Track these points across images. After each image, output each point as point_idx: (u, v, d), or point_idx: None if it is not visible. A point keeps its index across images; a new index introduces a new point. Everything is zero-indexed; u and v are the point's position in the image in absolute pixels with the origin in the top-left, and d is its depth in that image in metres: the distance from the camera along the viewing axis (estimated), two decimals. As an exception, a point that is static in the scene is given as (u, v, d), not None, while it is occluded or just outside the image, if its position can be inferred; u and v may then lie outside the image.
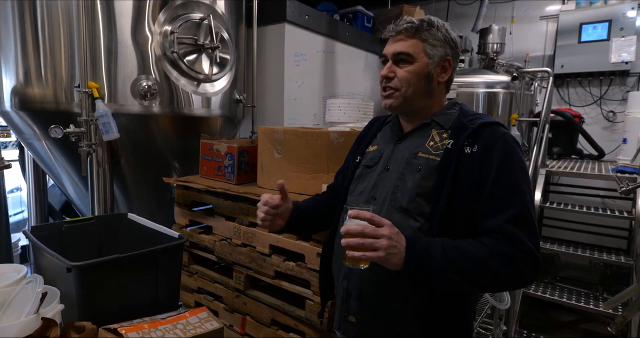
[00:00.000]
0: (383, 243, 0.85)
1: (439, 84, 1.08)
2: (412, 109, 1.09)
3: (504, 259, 0.90)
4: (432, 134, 1.06)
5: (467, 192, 0.95)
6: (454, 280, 0.90)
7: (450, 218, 0.96)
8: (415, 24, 1.04)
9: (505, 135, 0.99)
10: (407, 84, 1.04)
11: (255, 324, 1.72)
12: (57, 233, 1.47)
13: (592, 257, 2.71)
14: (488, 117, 1.06)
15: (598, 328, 3.06)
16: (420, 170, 1.01)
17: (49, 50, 1.96)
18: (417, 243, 0.91)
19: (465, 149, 0.98)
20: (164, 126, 2.21)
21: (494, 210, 0.94)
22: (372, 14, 3.69)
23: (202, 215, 1.95)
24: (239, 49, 2.54)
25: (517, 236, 0.90)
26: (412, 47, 1.04)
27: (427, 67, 1.04)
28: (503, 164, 0.95)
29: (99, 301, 1.16)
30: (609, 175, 2.63)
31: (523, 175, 0.98)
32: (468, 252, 0.90)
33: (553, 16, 4.02)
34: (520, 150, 1.00)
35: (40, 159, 2.42)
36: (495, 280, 0.92)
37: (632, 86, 3.71)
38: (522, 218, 0.92)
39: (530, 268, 0.91)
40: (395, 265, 0.88)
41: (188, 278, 1.99)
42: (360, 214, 0.87)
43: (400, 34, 1.05)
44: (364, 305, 1.06)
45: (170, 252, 1.32)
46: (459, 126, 1.03)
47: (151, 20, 2.03)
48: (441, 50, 1.05)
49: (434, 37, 1.04)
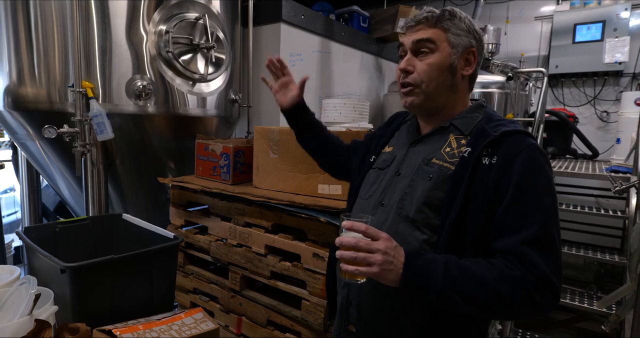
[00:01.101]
0: (377, 259, 0.79)
1: (463, 77, 0.98)
2: (434, 105, 0.99)
3: (515, 284, 0.81)
4: (450, 139, 0.97)
5: (480, 206, 0.87)
6: (457, 303, 0.82)
7: (460, 233, 0.88)
8: (437, 14, 0.95)
9: (530, 147, 0.88)
10: (428, 78, 0.95)
11: (251, 325, 1.72)
12: (51, 234, 1.46)
13: (587, 256, 2.73)
14: (514, 124, 0.94)
15: (592, 326, 3.08)
16: (431, 178, 0.93)
17: (42, 50, 1.94)
18: (418, 260, 0.84)
19: (483, 159, 0.88)
20: (159, 126, 2.20)
21: (509, 228, 0.85)
22: (367, 14, 3.70)
23: (198, 215, 1.95)
24: (234, 49, 2.53)
25: (532, 259, 0.81)
26: (434, 35, 0.94)
27: (450, 58, 0.94)
28: (524, 178, 0.85)
29: (93, 302, 1.15)
30: (602, 175, 2.65)
31: (547, 192, 0.86)
32: (474, 273, 0.82)
33: (547, 17, 4.05)
34: (547, 164, 0.89)
35: (33, 159, 2.40)
36: (503, 307, 0.83)
37: (626, 86, 3.74)
38: (540, 240, 0.82)
39: (544, 297, 0.81)
40: (392, 281, 0.82)
41: (183, 278, 1.98)
42: (355, 226, 0.82)
43: (420, 23, 0.96)
44: (364, 316, 1.01)
45: (166, 253, 1.31)
46: (480, 132, 0.93)
47: (146, 19, 2.02)
48: (466, 40, 0.95)
49: (457, 27, 0.95)
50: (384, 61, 3.99)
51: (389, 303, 0.97)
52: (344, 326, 1.07)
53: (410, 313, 0.95)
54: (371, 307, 1.00)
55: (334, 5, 3.46)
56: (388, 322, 0.97)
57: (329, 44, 3.19)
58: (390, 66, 4.07)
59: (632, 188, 2.37)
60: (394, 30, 3.52)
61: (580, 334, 3.04)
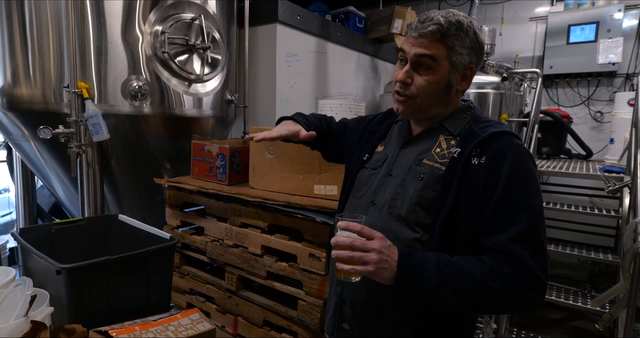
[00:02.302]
0: (372, 257, 0.82)
1: (457, 92, 1.00)
2: (424, 116, 1.03)
3: (504, 280, 0.84)
4: (440, 140, 1.00)
5: (471, 205, 0.90)
6: (449, 300, 0.84)
7: (451, 231, 0.91)
8: (444, 28, 0.92)
9: (517, 147, 0.91)
10: (424, 94, 0.96)
11: (248, 325, 1.72)
12: (46, 235, 1.46)
13: (581, 255, 2.75)
14: (501, 125, 0.98)
15: (586, 325, 3.10)
16: (423, 178, 0.96)
17: (37, 50, 1.93)
18: (411, 258, 0.86)
19: (472, 159, 0.91)
20: (154, 127, 2.19)
21: (497, 226, 0.88)
22: (364, 15, 3.71)
23: (194, 216, 1.95)
24: (230, 49, 2.53)
25: (520, 255, 0.84)
26: (436, 52, 0.93)
27: (449, 76, 0.95)
28: (511, 177, 0.88)
29: (89, 303, 1.15)
30: (596, 175, 2.67)
31: (533, 191, 0.90)
32: (465, 270, 0.85)
33: (542, 17, 4.07)
34: (533, 163, 0.93)
35: (28, 159, 2.39)
36: (494, 302, 0.86)
37: (619, 87, 3.77)
38: (527, 237, 0.86)
39: (533, 292, 0.84)
40: (386, 279, 0.84)
41: (180, 279, 1.98)
42: (350, 226, 0.84)
43: (424, 37, 0.93)
44: (358, 314, 1.04)
45: (162, 254, 1.31)
46: (469, 133, 0.96)
47: (142, 20, 2.02)
48: (467, 59, 0.95)
49: (461, 44, 0.94)
50: (380, 61, 4.00)
51: (382, 301, 0.99)
52: (338, 324, 1.09)
53: (403, 310, 0.97)
54: (365, 305, 1.02)
55: (330, 6, 3.47)
56: (381, 320, 1.00)
57: (325, 45, 3.20)
58: (386, 66, 4.08)
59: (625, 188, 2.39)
60: (390, 30, 3.53)
61: (575, 333, 3.07)
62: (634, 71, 3.68)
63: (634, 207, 2.13)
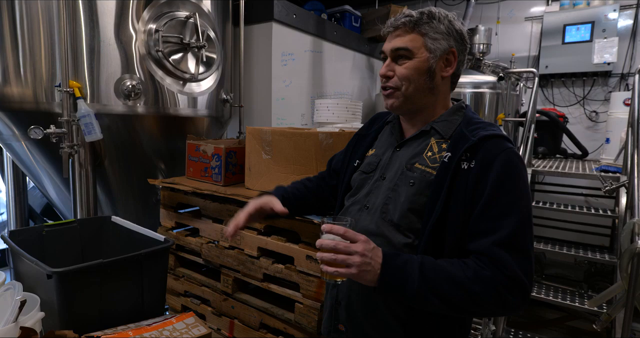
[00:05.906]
0: (356, 260, 0.82)
1: (443, 78, 1.00)
2: (414, 107, 1.02)
3: (486, 284, 0.83)
4: (431, 143, 1.00)
5: (460, 210, 0.90)
6: (432, 302, 0.85)
7: (440, 236, 0.91)
8: (414, 17, 0.96)
9: (506, 151, 0.91)
10: (407, 82, 0.97)
11: (244, 328, 1.70)
12: (38, 237, 1.43)
13: (577, 255, 2.75)
14: (492, 127, 0.97)
15: (583, 325, 3.11)
16: (414, 184, 0.96)
17: (28, 48, 1.90)
18: (395, 260, 0.86)
19: (462, 164, 0.91)
20: (148, 126, 2.16)
21: (483, 230, 0.88)
22: (359, 14, 3.70)
23: (189, 217, 1.92)
24: (225, 48, 2.50)
25: (504, 260, 0.84)
26: (410, 42, 0.96)
27: (429, 62, 0.96)
28: (499, 182, 0.88)
29: (81, 308, 1.12)
30: (592, 175, 2.68)
31: (522, 196, 0.89)
32: (448, 273, 0.85)
33: (537, 17, 4.08)
34: (522, 167, 0.92)
35: (19, 160, 2.35)
36: (475, 306, 0.86)
37: (614, 87, 3.79)
38: (512, 242, 0.85)
39: (515, 297, 0.84)
40: (370, 281, 0.85)
41: (174, 281, 1.95)
42: (334, 229, 0.84)
43: (398, 29, 0.98)
44: (352, 315, 1.05)
45: (156, 256, 1.29)
46: (459, 136, 0.96)
47: (135, 18, 1.99)
48: (444, 43, 0.97)
49: (435, 30, 0.96)
50: (375, 61, 3.99)
51: (375, 303, 1.00)
52: (334, 325, 1.10)
53: (395, 311, 0.98)
54: (359, 306, 1.03)
55: (325, 5, 3.45)
56: (375, 321, 1.01)
57: (321, 44, 3.18)
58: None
59: (622, 188, 2.40)
60: (385, 30, 3.52)
61: (572, 333, 3.07)
62: (629, 71, 3.70)
63: (631, 207, 2.13)
